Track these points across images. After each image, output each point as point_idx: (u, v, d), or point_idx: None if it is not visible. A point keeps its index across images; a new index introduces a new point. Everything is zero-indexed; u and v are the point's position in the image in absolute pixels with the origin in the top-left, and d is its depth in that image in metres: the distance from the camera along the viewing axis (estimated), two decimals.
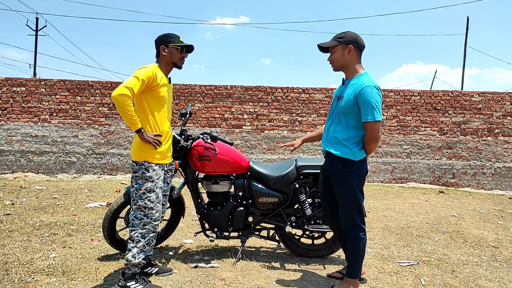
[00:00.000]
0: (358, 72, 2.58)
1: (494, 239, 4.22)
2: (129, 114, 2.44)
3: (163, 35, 2.69)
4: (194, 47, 2.76)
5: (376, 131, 2.46)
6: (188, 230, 4.15)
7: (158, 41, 2.69)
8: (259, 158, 8.71)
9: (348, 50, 2.56)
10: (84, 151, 8.64)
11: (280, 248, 3.60)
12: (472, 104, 8.62)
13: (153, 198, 2.58)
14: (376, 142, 2.50)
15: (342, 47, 2.57)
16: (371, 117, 2.43)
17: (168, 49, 2.65)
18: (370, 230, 4.38)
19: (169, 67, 2.72)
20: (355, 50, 2.57)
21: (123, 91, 2.40)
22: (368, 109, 2.42)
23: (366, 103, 2.42)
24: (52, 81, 8.68)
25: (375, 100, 2.42)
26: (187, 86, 8.80)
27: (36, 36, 22.16)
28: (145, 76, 2.49)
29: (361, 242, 2.58)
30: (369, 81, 2.48)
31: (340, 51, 2.58)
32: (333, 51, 2.62)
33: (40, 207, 5.03)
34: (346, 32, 2.60)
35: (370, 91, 2.43)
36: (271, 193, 3.20)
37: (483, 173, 8.56)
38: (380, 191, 7.46)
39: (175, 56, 2.68)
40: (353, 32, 2.59)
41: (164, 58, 2.68)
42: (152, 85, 2.55)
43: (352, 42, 2.55)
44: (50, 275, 2.77)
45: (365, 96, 2.42)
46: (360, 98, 2.44)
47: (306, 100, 8.79)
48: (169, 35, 2.68)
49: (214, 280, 2.79)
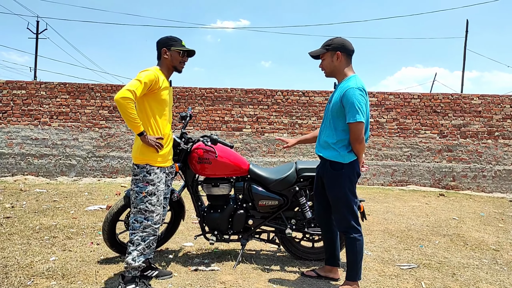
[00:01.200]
0: (347, 76, 2.65)
1: (495, 242, 4.22)
2: (131, 117, 2.44)
3: (165, 38, 2.69)
4: (196, 52, 2.77)
5: (358, 132, 2.52)
6: (188, 233, 4.14)
7: (160, 44, 2.68)
8: (259, 161, 8.71)
9: (337, 57, 2.64)
10: (84, 154, 8.64)
11: (280, 251, 3.60)
12: (472, 107, 8.62)
13: (154, 201, 2.58)
14: (360, 143, 2.55)
15: (330, 54, 2.66)
16: (353, 119, 2.49)
17: (170, 52, 2.66)
18: (371, 233, 4.38)
19: (170, 71, 2.73)
20: (343, 56, 2.64)
21: (126, 94, 2.40)
22: (351, 110, 2.49)
23: (349, 105, 2.50)
24: (52, 84, 8.70)
25: (357, 102, 2.48)
26: (187, 89, 8.81)
27: (36, 39, 22.22)
28: (147, 79, 2.49)
29: (358, 243, 2.62)
30: (354, 83, 2.54)
31: (329, 58, 2.68)
32: (323, 58, 2.72)
33: (40, 210, 5.02)
34: (333, 38, 2.68)
35: (353, 93, 2.49)
36: (271, 196, 3.20)
37: (483, 176, 8.55)
38: (380, 194, 7.46)
39: (176, 60, 2.68)
40: (340, 38, 2.68)
41: (165, 61, 2.69)
42: (154, 88, 2.55)
43: (339, 48, 2.63)
44: (49, 278, 2.76)
45: (348, 97, 2.50)
46: (344, 99, 2.53)
47: (306, 103, 8.80)
48: (171, 38, 2.68)
49: (214, 283, 2.78)
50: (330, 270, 2.93)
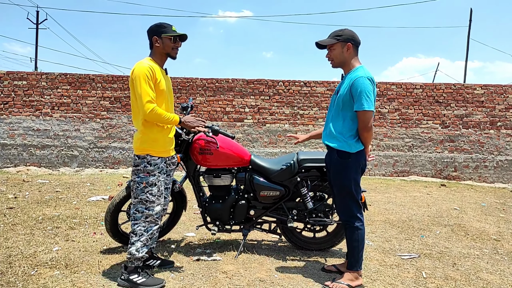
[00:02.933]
0: (354, 67, 2.64)
1: (496, 232, 4.23)
2: (166, 119, 2.52)
3: (155, 26, 2.63)
4: (188, 36, 2.71)
5: (367, 120, 2.51)
6: (190, 224, 4.16)
7: (150, 32, 2.64)
8: (260, 152, 8.71)
9: (347, 48, 2.64)
10: (86, 144, 8.66)
11: (282, 241, 3.62)
12: (474, 97, 8.57)
13: (154, 192, 2.58)
14: (368, 132, 2.54)
15: (341, 45, 2.65)
16: (361, 107, 2.49)
17: (161, 40, 2.61)
18: (372, 223, 4.39)
19: (163, 58, 2.69)
20: (353, 47, 2.64)
21: (150, 107, 2.46)
22: (359, 99, 2.49)
23: (358, 93, 2.49)
24: (53, 74, 8.67)
25: (366, 90, 2.48)
26: (188, 80, 8.77)
27: (36, 29, 22.09)
28: (147, 76, 2.48)
29: (359, 233, 2.63)
30: (363, 73, 2.54)
31: (339, 49, 2.66)
32: (332, 48, 2.69)
33: (42, 200, 5.05)
34: (343, 29, 2.67)
35: (362, 81, 2.49)
36: (273, 187, 3.20)
37: (485, 166, 8.54)
38: (382, 185, 7.47)
39: (168, 46, 2.64)
40: (350, 30, 2.68)
41: (157, 49, 2.64)
42: (154, 78, 2.54)
43: (350, 40, 2.63)
44: (53, 268, 2.79)
45: (357, 86, 2.49)
46: (353, 89, 2.52)
47: (308, 94, 8.76)
48: (161, 25, 2.63)
49: (216, 273, 2.80)
50: None
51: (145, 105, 2.45)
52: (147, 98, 2.46)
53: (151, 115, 2.47)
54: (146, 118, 2.49)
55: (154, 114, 2.47)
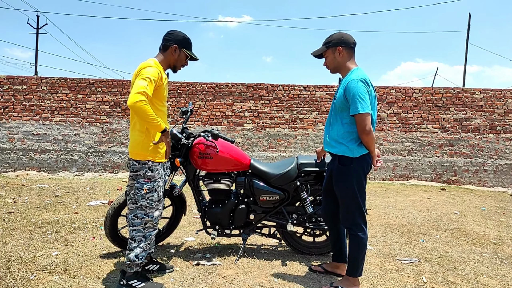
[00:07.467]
0: (350, 69, 2.62)
1: (496, 236, 4.22)
2: (150, 118, 2.33)
3: (183, 37, 2.65)
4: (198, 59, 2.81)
5: (364, 123, 2.45)
6: (190, 228, 4.16)
7: (175, 39, 2.62)
8: (260, 156, 8.71)
9: (338, 52, 2.62)
10: (85, 149, 8.65)
11: (282, 246, 3.61)
12: (474, 101, 8.59)
13: (155, 197, 2.57)
14: (368, 134, 2.46)
15: (331, 51, 2.64)
16: (356, 110, 2.44)
17: (179, 52, 2.64)
18: (372, 227, 4.38)
19: (168, 67, 2.69)
20: (345, 50, 2.62)
21: (138, 98, 2.28)
22: (354, 102, 2.45)
23: (351, 97, 2.46)
24: (53, 79, 8.69)
25: (359, 93, 2.44)
26: (188, 84, 8.79)
27: (37, 34, 22.14)
28: (154, 77, 2.42)
29: (361, 241, 2.57)
30: (356, 75, 2.50)
31: (331, 55, 2.66)
32: (326, 56, 2.70)
33: (42, 205, 5.04)
34: (332, 35, 2.67)
35: (354, 84, 2.45)
36: (273, 191, 3.20)
37: (484, 171, 8.54)
38: (382, 189, 7.46)
39: (181, 61, 2.68)
40: (339, 33, 2.66)
41: (170, 58, 2.64)
42: (158, 84, 2.47)
43: (339, 43, 2.61)
44: (52, 272, 2.78)
45: (350, 89, 2.46)
46: (346, 93, 2.49)
47: (307, 98, 8.77)
48: (188, 39, 2.67)
49: (215, 277, 2.80)
50: (337, 266, 2.92)
51: (136, 94, 2.29)
52: (142, 90, 2.31)
53: (137, 106, 2.28)
54: (131, 106, 2.29)
55: (141, 106, 2.28)
